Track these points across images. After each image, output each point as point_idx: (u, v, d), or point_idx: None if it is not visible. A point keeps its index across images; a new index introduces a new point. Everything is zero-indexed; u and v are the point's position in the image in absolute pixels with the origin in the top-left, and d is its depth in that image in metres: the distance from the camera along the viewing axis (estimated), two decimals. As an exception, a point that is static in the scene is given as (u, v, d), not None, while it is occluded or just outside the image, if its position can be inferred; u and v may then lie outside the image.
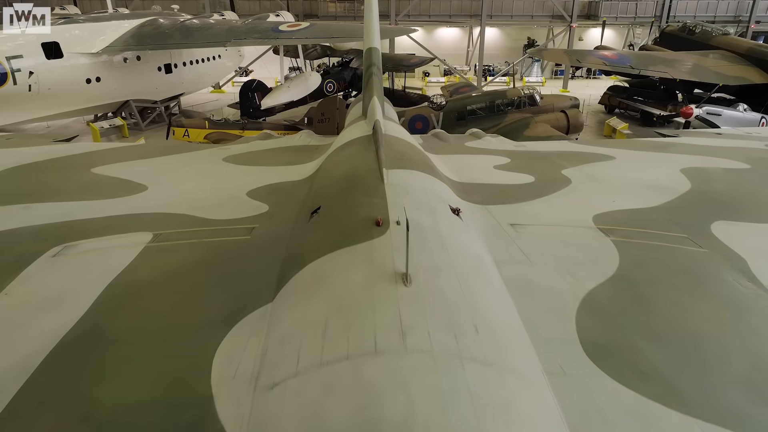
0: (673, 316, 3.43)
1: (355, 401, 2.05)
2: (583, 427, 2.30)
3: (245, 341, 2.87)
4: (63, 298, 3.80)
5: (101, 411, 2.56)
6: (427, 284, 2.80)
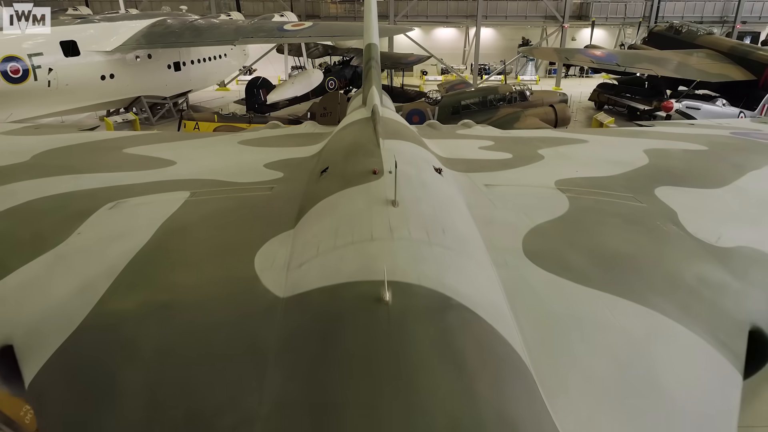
0: (601, 237, 4.49)
1: (359, 263, 3.10)
2: (515, 293, 3.35)
3: (276, 249, 3.90)
4: (128, 232, 4.84)
5: (175, 288, 3.61)
6: (410, 206, 3.85)
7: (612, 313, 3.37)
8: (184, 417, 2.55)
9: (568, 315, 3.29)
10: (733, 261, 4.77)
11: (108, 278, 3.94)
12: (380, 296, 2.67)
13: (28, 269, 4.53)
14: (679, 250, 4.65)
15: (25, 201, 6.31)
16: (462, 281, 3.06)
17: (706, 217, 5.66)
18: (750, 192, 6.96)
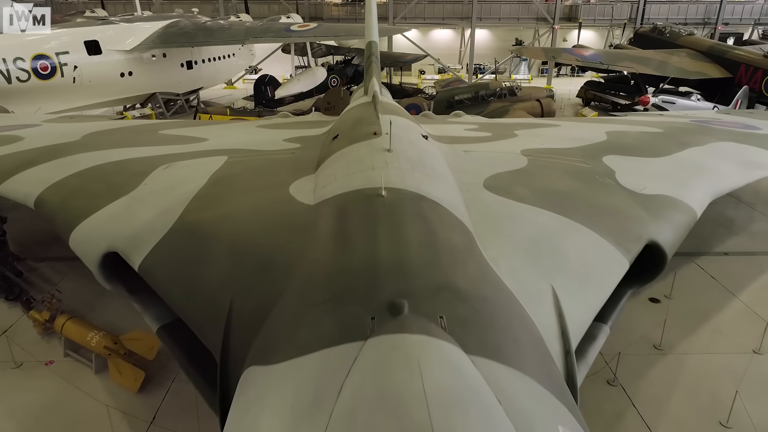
0: (544, 181, 5.98)
1: (364, 179, 4.60)
2: (471, 203, 4.83)
3: (303, 184, 5.41)
4: (186, 180, 6.32)
5: (234, 206, 5.10)
6: (401, 152, 5.35)
7: (537, 216, 4.86)
8: (256, 263, 4.04)
9: (505, 214, 4.78)
10: (649, 202, 6.29)
11: (182, 204, 5.43)
12: (379, 193, 4.14)
13: (113, 206, 6.04)
14: (605, 192, 6.14)
15: (90, 166, 7.83)
16: (433, 190, 4.56)
17: (638, 175, 7.17)
18: (684, 161, 8.51)
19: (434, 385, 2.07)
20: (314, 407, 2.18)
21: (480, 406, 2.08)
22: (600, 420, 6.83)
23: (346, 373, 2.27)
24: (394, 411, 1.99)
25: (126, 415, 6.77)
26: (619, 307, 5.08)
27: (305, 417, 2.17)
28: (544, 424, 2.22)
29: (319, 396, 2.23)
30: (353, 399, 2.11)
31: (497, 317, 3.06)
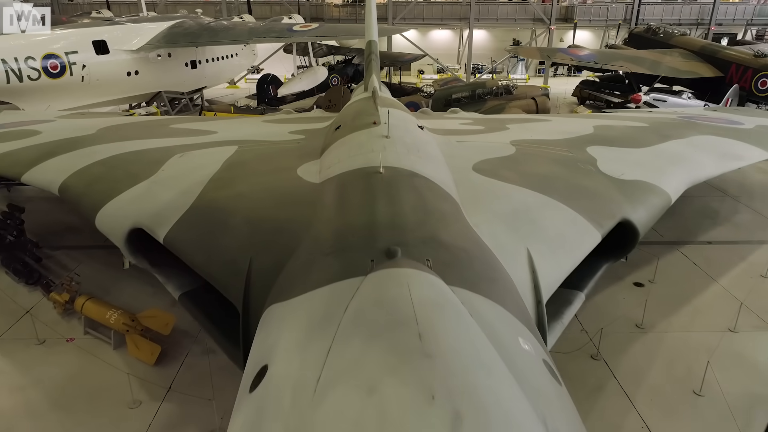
0: (529, 166, 6.54)
1: (364, 160, 5.18)
2: (459, 182, 5.40)
3: (310, 167, 5.98)
4: (201, 166, 6.89)
5: (247, 185, 5.68)
6: (397, 139, 5.95)
7: (519, 193, 5.43)
8: (270, 229, 4.61)
9: (490, 191, 5.36)
10: (626, 186, 6.86)
11: (199, 186, 6.00)
12: (377, 170, 4.71)
13: (134, 190, 6.61)
14: (585, 176, 6.71)
15: (109, 156, 8.40)
16: (426, 169, 5.14)
17: (618, 163, 7.74)
18: (664, 151, 9.08)
19: (419, 295, 2.62)
20: (325, 321, 2.73)
21: (453, 310, 2.63)
22: (582, 390, 7.37)
23: (351, 297, 2.81)
24: (387, 310, 2.55)
25: (144, 384, 7.32)
26: (595, 278, 5.64)
27: (318, 328, 2.72)
28: (505, 333, 2.77)
29: (329, 313, 2.78)
30: (357, 311, 2.66)
31: (475, 263, 3.62)
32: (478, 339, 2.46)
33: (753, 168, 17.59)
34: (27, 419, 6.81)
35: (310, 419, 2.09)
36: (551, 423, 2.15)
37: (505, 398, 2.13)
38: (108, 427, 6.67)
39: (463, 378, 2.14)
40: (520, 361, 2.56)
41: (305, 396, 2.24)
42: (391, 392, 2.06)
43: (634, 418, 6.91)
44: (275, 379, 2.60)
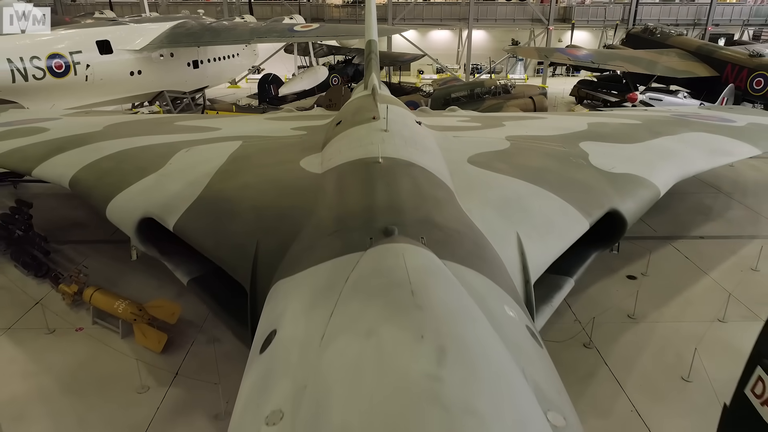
0: (522, 159, 6.81)
1: (364, 151, 5.45)
2: (454, 172, 5.66)
3: (312, 159, 6.26)
4: (207, 160, 7.17)
5: (252, 176, 5.94)
6: (396, 132, 6.23)
7: (511, 183, 5.70)
8: (276, 214, 4.89)
9: (482, 180, 5.64)
10: (616, 179, 7.13)
11: (206, 178, 6.28)
12: (377, 160, 4.98)
13: (143, 182, 6.88)
14: (576, 169, 6.98)
15: (117, 151, 8.68)
16: (423, 160, 5.42)
17: (609, 157, 8.02)
18: (655, 147, 9.35)
19: (413, 264, 2.89)
20: (328, 289, 3.00)
21: (443, 275, 2.91)
22: (574, 376, 7.63)
23: (352, 269, 3.08)
24: (384, 276, 2.82)
25: (152, 370, 7.58)
26: (584, 266, 5.90)
27: (321, 296, 2.98)
28: (491, 299, 3.03)
29: (332, 283, 3.05)
30: (357, 279, 2.92)
31: (466, 242, 3.89)
32: (465, 298, 2.73)
33: (747, 166, 17.90)
34: (40, 403, 7.07)
35: (316, 366, 2.35)
36: (529, 373, 2.41)
37: (486, 342, 2.40)
38: (118, 411, 6.93)
39: (449, 324, 2.41)
40: (503, 322, 2.82)
41: (311, 349, 2.50)
42: (386, 335, 2.33)
43: (623, 402, 7.17)
44: (283, 340, 2.86)
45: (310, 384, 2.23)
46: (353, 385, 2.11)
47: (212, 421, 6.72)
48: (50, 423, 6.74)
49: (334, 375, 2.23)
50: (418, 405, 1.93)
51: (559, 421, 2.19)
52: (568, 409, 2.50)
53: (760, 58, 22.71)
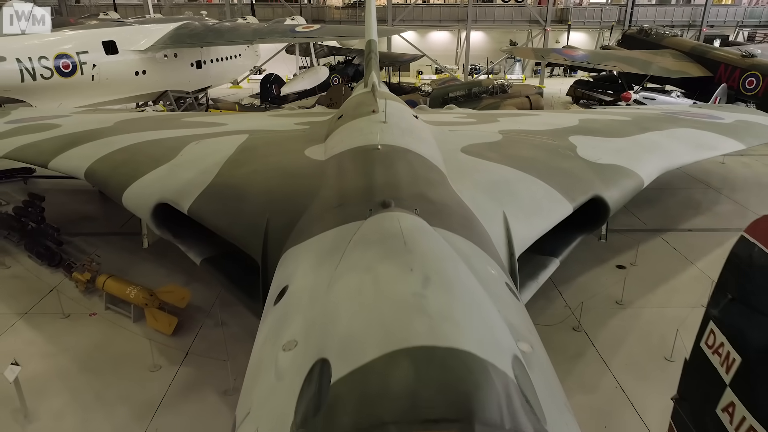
0: (513, 149, 7.26)
1: (364, 140, 5.90)
2: (447, 159, 6.12)
3: (316, 149, 6.71)
4: (217, 151, 7.61)
5: (260, 164, 6.39)
6: (394, 124, 6.69)
7: (500, 169, 6.15)
8: (284, 195, 5.34)
9: (473, 166, 6.09)
10: (601, 168, 7.58)
11: (217, 166, 6.72)
12: (376, 147, 5.43)
13: (156, 171, 7.33)
14: (564, 159, 7.43)
15: (129, 144, 9.11)
16: (418, 148, 5.89)
17: (596, 150, 8.46)
18: (642, 141, 9.80)
19: (406, 225, 3.33)
20: (333, 250, 3.44)
21: (433, 234, 3.35)
22: (563, 356, 8.06)
23: (354, 233, 3.52)
24: (381, 234, 3.27)
25: (163, 351, 8.01)
26: (569, 248, 6.35)
27: (328, 255, 3.43)
28: (475, 259, 3.46)
29: (336, 245, 3.49)
30: (358, 240, 3.36)
31: (455, 215, 4.34)
32: (450, 252, 3.16)
33: (738, 163, 18.37)
34: (59, 380, 7.50)
35: (323, 303, 2.79)
36: (503, 312, 2.83)
37: (465, 279, 2.84)
38: (132, 388, 7.35)
39: (434, 262, 2.86)
40: (484, 276, 3.26)
41: (319, 292, 2.94)
42: (381, 269, 2.78)
43: (609, 380, 7.61)
44: (295, 291, 3.30)
45: (318, 315, 2.68)
46: (354, 305, 2.55)
47: (222, 396, 7.14)
48: (69, 397, 7.17)
49: (339, 301, 2.68)
50: (407, 313, 2.37)
51: (526, 348, 2.62)
52: (537, 343, 2.93)
53: (752, 58, 23.16)
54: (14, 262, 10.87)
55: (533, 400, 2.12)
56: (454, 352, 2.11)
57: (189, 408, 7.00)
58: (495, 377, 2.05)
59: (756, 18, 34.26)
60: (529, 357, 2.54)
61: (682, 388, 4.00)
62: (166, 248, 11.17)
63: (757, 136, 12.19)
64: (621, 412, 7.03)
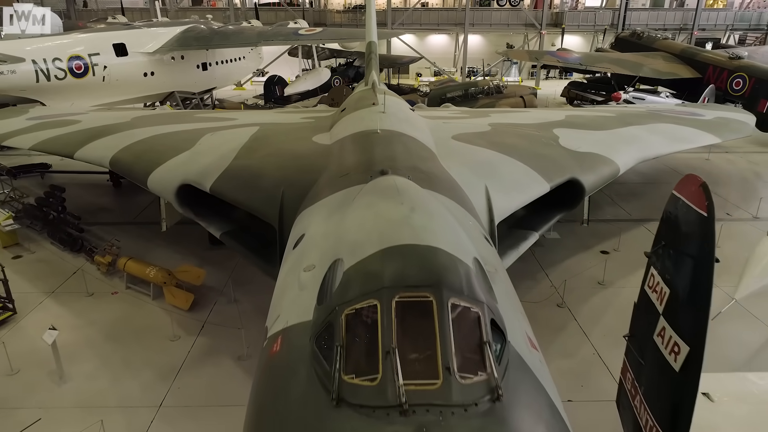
0: (499, 137, 8.04)
1: (365, 126, 6.71)
2: (439, 144, 6.91)
3: (322, 136, 7.50)
4: (232, 140, 8.41)
5: (274, 148, 7.19)
6: (391, 113, 7.50)
7: (485, 152, 6.94)
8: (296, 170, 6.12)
9: (461, 149, 6.91)
10: (579, 156, 8.36)
11: (233, 153, 7.52)
12: (376, 131, 6.21)
13: (178, 158, 8.12)
14: (545, 147, 8.22)
15: (149, 136, 9.90)
16: (413, 132, 6.71)
17: (577, 140, 9.25)
18: (621, 134, 10.60)
19: (400, 183, 4.12)
20: (342, 205, 4.24)
21: (421, 191, 4.15)
22: (548, 329, 8.82)
23: (358, 192, 4.30)
24: (380, 189, 4.06)
25: (182, 322, 8.77)
26: (549, 224, 7.12)
27: (337, 209, 4.22)
28: (458, 214, 4.24)
29: (344, 201, 4.27)
30: (361, 198, 4.15)
31: (443, 183, 5.12)
32: (434, 198, 3.95)
33: (722, 159, 19.19)
34: (87, 348, 8.26)
35: (335, 234, 3.58)
36: (475, 244, 3.59)
37: (444, 213, 3.64)
38: (155, 355, 8.11)
39: (420, 201, 3.67)
40: (462, 219, 4.05)
41: (331, 232, 3.73)
42: (380, 204, 3.60)
43: (587, 348, 8.37)
44: (311, 235, 4.09)
45: (332, 241, 3.48)
46: (360, 224, 3.38)
47: (236, 362, 7.90)
48: (99, 362, 7.93)
49: (348, 225, 3.50)
50: (397, 226, 3.20)
51: (490, 269, 3.39)
52: (501, 270, 3.71)
53: (739, 60, 23.96)
54: (38, 248, 11.65)
55: (488, 287, 2.91)
56: (430, 248, 2.91)
57: (207, 371, 7.75)
58: (458, 264, 2.84)
59: (746, 21, 35.15)
60: (493, 275, 3.31)
61: (632, 327, 4.75)
62: (180, 236, 12.00)
63: (733, 131, 12.97)
64: (597, 373, 7.78)
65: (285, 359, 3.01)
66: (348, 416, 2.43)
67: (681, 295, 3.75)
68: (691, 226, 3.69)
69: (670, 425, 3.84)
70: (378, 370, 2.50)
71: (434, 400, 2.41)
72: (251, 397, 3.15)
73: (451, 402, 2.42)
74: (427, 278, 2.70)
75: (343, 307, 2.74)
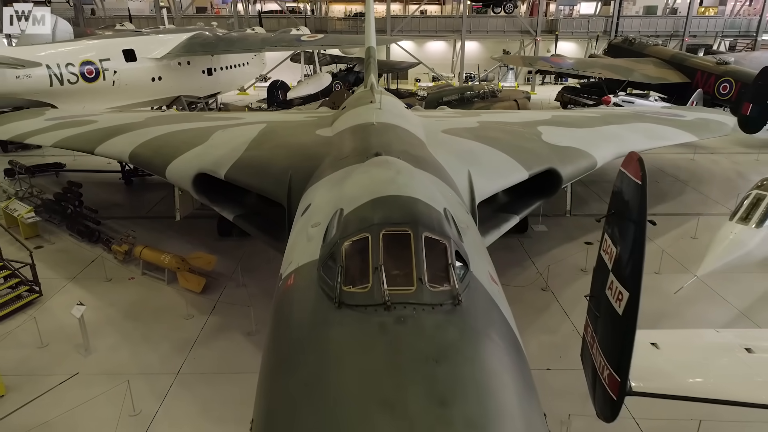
0: (484, 132, 8.84)
1: (362, 120, 7.57)
2: (428, 136, 7.71)
3: (325, 130, 8.31)
4: (242, 134, 9.22)
5: (281, 140, 7.99)
6: (387, 109, 8.29)
7: (470, 143, 7.73)
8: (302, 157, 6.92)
9: (448, 140, 7.70)
10: (559, 149, 9.15)
11: (244, 145, 8.32)
12: (372, 124, 7.02)
13: (193, 151, 8.92)
14: (527, 140, 9.03)
15: (164, 133, 10.71)
16: (406, 125, 7.49)
17: (559, 136, 10.05)
18: (602, 131, 11.41)
19: (393, 162, 4.91)
20: (341, 179, 5.04)
21: (409, 165, 4.94)
22: (532, 309, 9.57)
23: (356, 169, 5.09)
24: (374, 164, 4.85)
25: (195, 302, 9.54)
26: (529, 209, 7.92)
27: (338, 182, 5.01)
28: (441, 188, 5.05)
29: (344, 177, 5.07)
30: (358, 173, 4.94)
31: (430, 164, 5.92)
32: (419, 170, 4.75)
33: (707, 159, 20.00)
34: (108, 326, 9.02)
35: (337, 195, 4.40)
36: (451, 207, 4.39)
37: (426, 177, 4.46)
38: (171, 331, 8.87)
39: (407, 169, 4.47)
40: (443, 191, 4.85)
41: (334, 196, 4.54)
42: (375, 171, 4.42)
43: (567, 326, 9.12)
44: (317, 203, 4.89)
45: (334, 202, 4.30)
46: (356, 183, 4.20)
47: (246, 337, 8.66)
48: (120, 337, 8.69)
49: (347, 186, 4.32)
50: (384, 184, 4.05)
51: (462, 225, 4.18)
52: (473, 228, 4.48)
53: (726, 65, 24.82)
54: (58, 240, 12.43)
55: (457, 232, 3.73)
56: (410, 198, 3.78)
57: (219, 344, 8.51)
58: (431, 210, 3.68)
59: (736, 28, 36.10)
60: (464, 230, 4.12)
61: (592, 288, 5.52)
62: (190, 228, 12.79)
63: (711, 130, 13.78)
64: (574, 346, 8.46)
65: (298, 287, 3.80)
66: (347, 314, 3.21)
67: (623, 251, 4.52)
68: (631, 194, 4.47)
69: (617, 363, 4.60)
70: (369, 281, 3.29)
71: (409, 300, 3.20)
72: (269, 324, 3.94)
73: (422, 301, 3.21)
74: (406, 218, 3.51)
75: (344, 240, 3.57)
